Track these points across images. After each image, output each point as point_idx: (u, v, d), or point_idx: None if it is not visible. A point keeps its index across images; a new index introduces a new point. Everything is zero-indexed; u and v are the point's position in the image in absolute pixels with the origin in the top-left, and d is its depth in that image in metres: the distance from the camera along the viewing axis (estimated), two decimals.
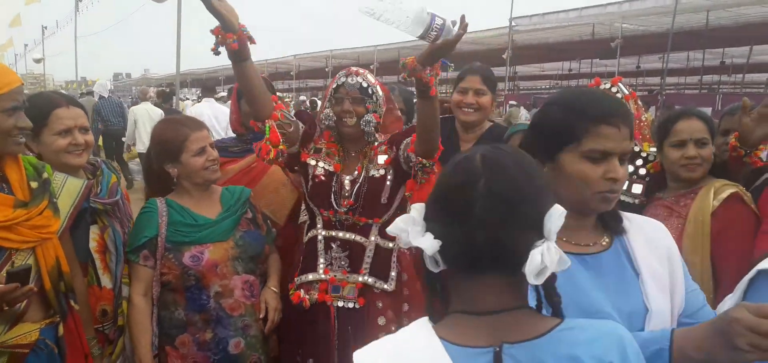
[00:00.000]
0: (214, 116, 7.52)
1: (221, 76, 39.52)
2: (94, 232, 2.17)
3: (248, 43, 2.10)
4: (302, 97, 21.47)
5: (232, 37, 2.03)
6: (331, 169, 2.41)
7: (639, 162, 2.61)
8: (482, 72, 2.87)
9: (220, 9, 1.99)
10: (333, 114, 2.39)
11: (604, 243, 1.46)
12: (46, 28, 39.59)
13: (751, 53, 18.59)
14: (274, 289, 2.42)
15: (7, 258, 1.78)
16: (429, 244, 1.05)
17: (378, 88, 2.45)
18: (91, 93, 12.71)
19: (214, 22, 2.02)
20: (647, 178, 2.51)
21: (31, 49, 44.95)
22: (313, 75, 35.29)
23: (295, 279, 2.46)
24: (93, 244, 2.16)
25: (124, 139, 10.20)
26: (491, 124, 3.04)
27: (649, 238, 1.46)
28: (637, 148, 2.65)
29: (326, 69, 25.82)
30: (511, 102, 16.54)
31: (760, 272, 1.36)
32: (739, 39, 16.31)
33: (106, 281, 2.21)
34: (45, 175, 1.94)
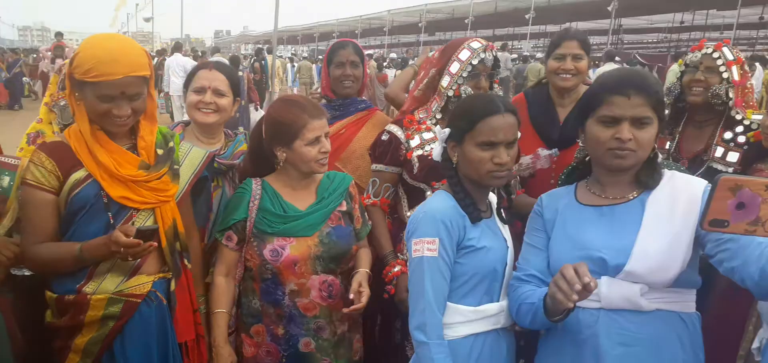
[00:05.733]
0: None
1: (316, 33, 40.17)
2: None
3: None
4: (393, 54, 21.37)
5: None
6: None
7: (739, 129, 2.48)
8: (579, 37, 2.80)
9: None
10: (470, 89, 2.40)
11: (631, 196, 1.70)
12: None
13: None
14: (367, 272, 2.28)
15: (129, 217, 1.94)
16: None
17: None
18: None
19: None
20: (746, 147, 2.37)
21: (142, 9, 47.95)
22: (406, 31, 35.01)
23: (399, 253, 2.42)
24: None
25: None
26: (587, 87, 2.96)
27: (675, 194, 1.64)
28: (738, 116, 2.51)
29: (420, 24, 25.56)
30: (616, 58, 15.61)
31: None
32: None
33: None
34: (171, 144, 2.08)
